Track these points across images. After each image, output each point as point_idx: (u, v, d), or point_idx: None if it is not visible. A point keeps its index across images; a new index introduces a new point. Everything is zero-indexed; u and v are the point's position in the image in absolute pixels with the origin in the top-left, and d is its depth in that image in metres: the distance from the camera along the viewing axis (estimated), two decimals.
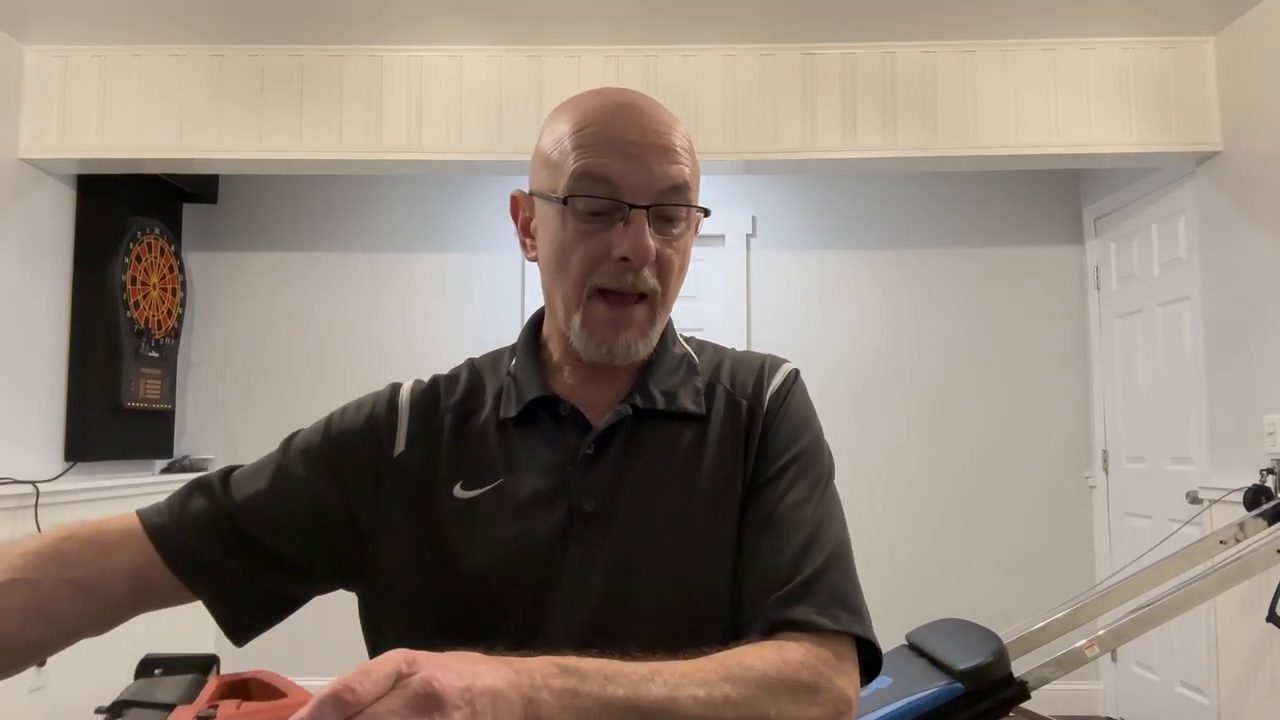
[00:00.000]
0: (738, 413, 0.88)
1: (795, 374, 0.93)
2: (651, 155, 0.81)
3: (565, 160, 0.82)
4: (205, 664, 0.64)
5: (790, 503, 0.82)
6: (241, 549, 0.83)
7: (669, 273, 0.84)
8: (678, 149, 0.83)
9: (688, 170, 0.83)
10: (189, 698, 0.59)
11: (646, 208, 0.80)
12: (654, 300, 0.84)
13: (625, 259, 0.80)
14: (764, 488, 0.83)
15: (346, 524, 0.85)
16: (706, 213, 0.87)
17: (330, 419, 0.90)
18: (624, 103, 0.84)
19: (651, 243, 0.80)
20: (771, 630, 0.75)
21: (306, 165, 3.25)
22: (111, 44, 3.12)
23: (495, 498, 0.83)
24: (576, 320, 0.83)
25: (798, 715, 0.68)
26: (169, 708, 0.57)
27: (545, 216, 0.85)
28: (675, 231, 0.83)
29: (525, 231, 0.90)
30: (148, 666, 0.63)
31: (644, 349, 0.85)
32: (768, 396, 0.89)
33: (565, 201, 0.81)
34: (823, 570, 0.78)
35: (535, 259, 0.89)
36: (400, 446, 0.87)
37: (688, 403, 0.87)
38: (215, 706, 0.56)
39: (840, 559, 0.80)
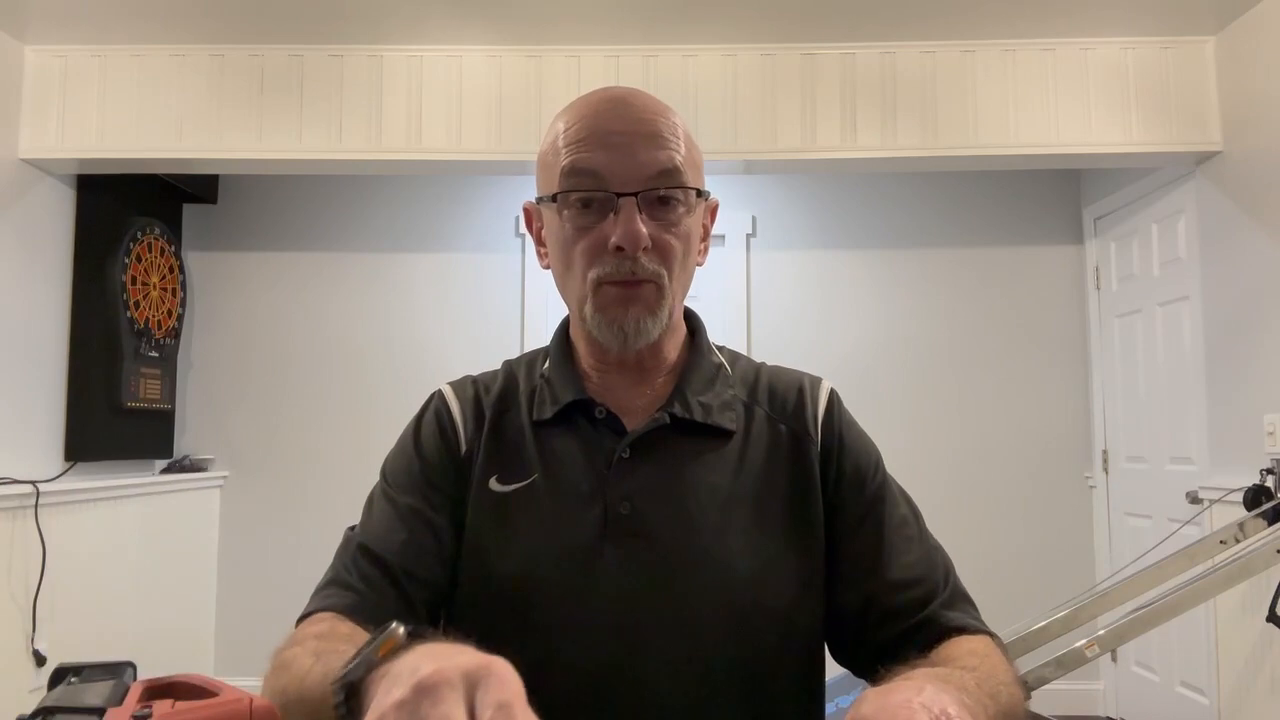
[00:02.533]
0: (779, 436, 0.89)
1: (835, 394, 0.95)
2: (636, 143, 0.81)
3: (557, 160, 0.83)
4: (121, 670, 0.63)
5: (899, 521, 0.88)
6: (422, 591, 0.83)
7: (670, 257, 0.83)
8: (665, 135, 0.83)
9: (678, 155, 0.83)
10: (115, 702, 0.58)
11: (635, 194, 0.81)
12: (660, 283, 0.83)
13: (620, 248, 0.80)
14: (866, 515, 0.87)
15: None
16: (703, 194, 0.86)
17: (405, 451, 0.90)
18: (611, 96, 0.85)
19: (643, 229, 0.80)
20: (947, 631, 0.82)
21: (306, 165, 3.25)
22: (111, 44, 3.12)
23: (529, 494, 0.85)
24: (589, 309, 0.84)
25: (1022, 699, 0.78)
26: (99, 712, 0.56)
27: (549, 221, 0.87)
28: (672, 216, 0.83)
29: (539, 241, 0.91)
30: (62, 675, 0.62)
31: (654, 328, 0.85)
32: (820, 425, 0.90)
33: (555, 199, 0.83)
34: (957, 577, 0.88)
35: (549, 266, 0.90)
36: (464, 445, 0.89)
37: (723, 419, 0.88)
38: (149, 707, 0.55)
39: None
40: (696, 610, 0.80)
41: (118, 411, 3.46)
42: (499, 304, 4.03)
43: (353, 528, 0.90)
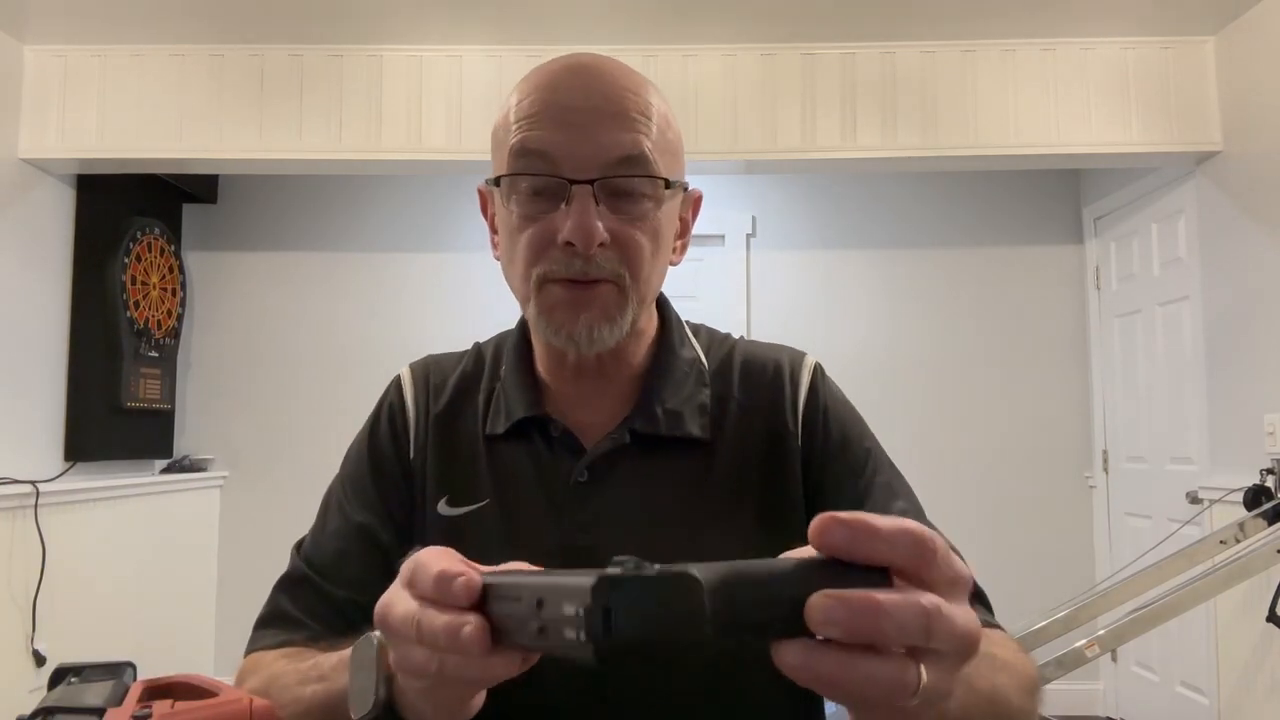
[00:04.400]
0: (753, 435, 0.80)
1: (818, 372, 0.84)
2: (596, 123, 0.70)
3: (507, 138, 0.73)
4: (121, 670, 0.63)
5: (901, 512, 0.76)
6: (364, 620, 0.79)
7: (635, 256, 0.72)
8: (632, 114, 0.71)
9: (646, 139, 0.71)
10: (115, 702, 0.57)
11: (591, 182, 0.69)
12: (621, 284, 0.72)
13: (570, 244, 0.69)
14: (861, 501, 0.76)
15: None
16: (673, 185, 0.74)
17: (360, 452, 0.85)
18: (574, 65, 0.73)
19: (598, 223, 0.69)
20: None
21: (306, 165, 3.25)
22: (111, 44, 3.12)
23: (479, 520, 0.77)
24: (533, 310, 0.74)
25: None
26: (98, 712, 0.56)
27: (499, 206, 0.76)
28: (636, 209, 0.71)
29: (493, 228, 0.81)
30: (62, 675, 0.62)
31: (611, 335, 0.73)
32: (801, 414, 0.80)
33: (499, 183, 0.73)
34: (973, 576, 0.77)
35: (500, 257, 0.80)
36: (413, 451, 0.83)
37: (693, 427, 0.78)
38: (149, 707, 0.55)
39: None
40: None
41: (117, 411, 3.46)
42: (498, 304, 4.02)
43: (300, 543, 0.84)
